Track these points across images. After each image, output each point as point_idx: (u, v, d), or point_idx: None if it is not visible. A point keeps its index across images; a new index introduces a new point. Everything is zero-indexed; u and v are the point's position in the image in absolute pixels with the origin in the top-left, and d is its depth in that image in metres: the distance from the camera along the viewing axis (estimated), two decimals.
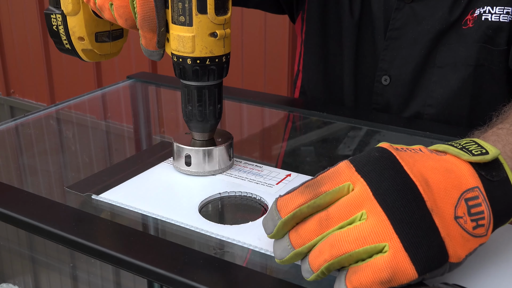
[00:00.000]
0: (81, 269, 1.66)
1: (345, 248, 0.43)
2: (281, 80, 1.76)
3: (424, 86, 0.90)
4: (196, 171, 0.68)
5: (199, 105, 0.66)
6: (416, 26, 0.88)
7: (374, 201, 0.44)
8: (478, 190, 0.46)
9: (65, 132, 0.85)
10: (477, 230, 0.46)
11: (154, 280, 0.52)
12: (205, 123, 0.68)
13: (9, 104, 2.57)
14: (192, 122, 0.68)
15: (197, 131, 0.68)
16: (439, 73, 0.88)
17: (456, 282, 0.48)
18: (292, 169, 0.73)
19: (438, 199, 0.45)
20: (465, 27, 0.85)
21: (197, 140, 0.69)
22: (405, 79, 0.91)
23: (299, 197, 0.47)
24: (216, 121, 0.68)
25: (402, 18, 0.89)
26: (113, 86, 1.04)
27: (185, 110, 0.67)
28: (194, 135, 0.69)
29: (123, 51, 0.82)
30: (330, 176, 0.46)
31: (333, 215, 0.45)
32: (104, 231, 0.57)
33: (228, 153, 0.70)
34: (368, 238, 0.43)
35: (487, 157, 0.47)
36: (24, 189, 0.66)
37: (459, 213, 0.45)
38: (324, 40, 0.97)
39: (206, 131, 0.68)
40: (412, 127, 0.85)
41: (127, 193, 0.66)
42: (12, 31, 2.46)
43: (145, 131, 0.86)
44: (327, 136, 0.89)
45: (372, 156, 0.46)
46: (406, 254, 0.43)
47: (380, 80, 0.92)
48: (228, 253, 0.55)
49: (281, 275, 0.51)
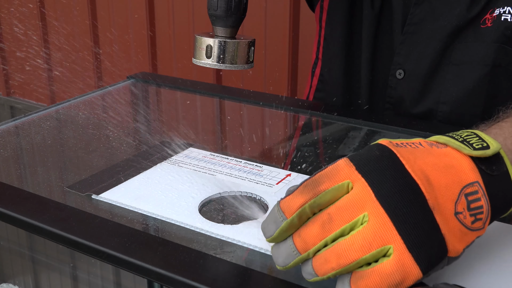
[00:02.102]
0: (81, 269, 1.66)
1: (352, 257, 0.43)
2: (281, 80, 1.76)
3: (438, 83, 0.90)
4: (215, 64, 0.66)
5: None
6: (433, 22, 0.88)
7: (376, 202, 0.44)
8: (478, 185, 0.46)
9: (65, 132, 0.85)
10: (475, 224, 0.46)
11: (154, 280, 0.52)
12: (229, 17, 0.65)
13: (9, 104, 2.57)
14: (217, 14, 0.66)
15: (220, 25, 0.66)
16: (454, 71, 0.88)
17: (456, 282, 0.48)
18: (297, 170, 0.73)
19: (439, 196, 0.45)
20: (484, 26, 0.85)
21: (219, 36, 0.67)
22: (419, 74, 0.90)
23: (300, 197, 0.46)
24: (240, 17, 0.66)
25: (420, 14, 0.89)
26: (113, 86, 1.04)
27: (211, 2, 0.65)
28: (217, 30, 0.67)
29: (124, 51, 0.81)
30: (328, 174, 0.46)
31: (335, 217, 0.45)
32: (104, 231, 0.57)
33: (248, 52, 0.68)
34: (373, 243, 0.43)
35: (488, 152, 0.47)
36: (24, 189, 0.66)
37: (459, 209, 0.45)
38: (347, 30, 0.97)
39: (229, 26, 0.66)
40: (412, 127, 0.85)
41: (127, 193, 0.66)
42: (12, 31, 2.46)
43: (145, 131, 0.86)
44: (327, 136, 0.89)
45: (372, 155, 0.46)
46: (410, 254, 0.43)
47: (395, 74, 0.92)
48: (228, 253, 0.55)
49: (281, 275, 0.51)
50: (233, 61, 0.67)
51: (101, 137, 0.83)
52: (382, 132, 0.86)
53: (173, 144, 0.79)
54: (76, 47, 2.27)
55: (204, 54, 0.67)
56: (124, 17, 1.96)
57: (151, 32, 1.90)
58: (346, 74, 0.99)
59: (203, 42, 0.66)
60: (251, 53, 0.69)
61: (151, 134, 0.85)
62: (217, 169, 0.72)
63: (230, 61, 0.67)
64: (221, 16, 0.66)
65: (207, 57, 0.67)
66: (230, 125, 0.96)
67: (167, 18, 1.86)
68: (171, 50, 1.89)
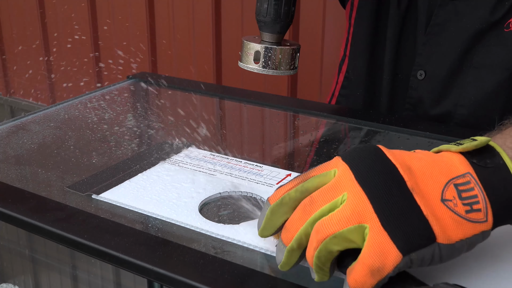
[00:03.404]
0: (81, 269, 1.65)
1: (328, 231, 0.44)
2: (281, 80, 1.76)
3: (458, 85, 0.89)
4: (263, 69, 0.68)
5: (275, 3, 0.66)
6: (456, 24, 0.88)
7: (355, 181, 0.46)
8: (470, 176, 0.47)
9: (65, 132, 0.85)
10: (472, 215, 0.46)
11: (154, 280, 0.52)
12: (277, 23, 0.67)
13: (9, 104, 2.57)
14: (266, 20, 0.67)
15: (268, 31, 0.68)
16: (475, 73, 0.87)
17: (456, 282, 0.48)
18: (298, 170, 0.73)
19: (420, 182, 0.46)
20: (507, 30, 0.84)
21: (265, 41, 0.69)
22: (439, 75, 0.90)
23: (287, 185, 0.49)
24: (287, 23, 0.67)
25: (444, 15, 0.88)
26: (113, 86, 1.04)
27: (260, 8, 0.67)
28: (265, 36, 0.69)
29: (124, 51, 0.81)
30: (320, 166, 0.49)
31: (316, 199, 0.46)
32: (104, 231, 0.57)
33: (294, 58, 0.69)
34: (350, 218, 0.44)
35: (474, 143, 0.48)
36: (24, 189, 0.67)
37: (447, 196, 0.46)
38: (373, 29, 0.98)
39: (277, 32, 0.68)
40: (412, 127, 0.85)
41: (127, 193, 0.66)
42: (12, 31, 2.46)
43: (145, 131, 0.86)
44: (327, 136, 0.89)
45: (357, 147, 0.49)
46: (385, 232, 0.43)
47: (416, 74, 0.92)
48: (228, 253, 0.55)
49: (281, 275, 0.51)
50: (279, 67, 0.69)
51: (101, 137, 0.83)
52: (382, 132, 0.85)
53: (173, 144, 0.79)
54: (76, 46, 2.27)
55: (252, 59, 0.68)
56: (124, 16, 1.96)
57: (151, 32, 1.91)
58: (369, 73, 0.99)
59: (252, 48, 0.68)
60: (296, 59, 0.70)
61: (151, 134, 0.85)
62: (217, 169, 0.72)
63: (277, 67, 0.69)
64: (269, 22, 0.67)
65: (254, 62, 0.68)
66: (230, 125, 0.96)
67: (167, 18, 1.86)
68: (171, 50, 1.89)
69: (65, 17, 2.26)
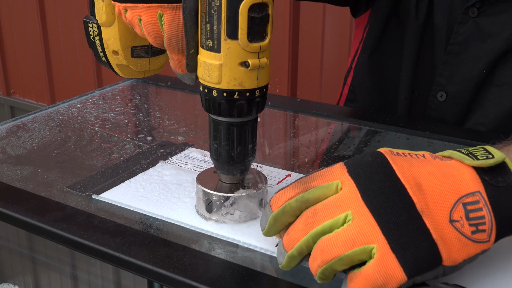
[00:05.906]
0: (81, 269, 1.65)
1: (334, 253, 0.44)
2: (281, 80, 1.76)
3: (480, 104, 0.87)
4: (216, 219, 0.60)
5: (226, 144, 0.58)
6: (480, 44, 0.84)
7: (361, 202, 0.44)
8: (479, 195, 0.45)
9: (65, 131, 0.85)
10: (477, 235, 0.45)
11: (154, 280, 0.52)
12: (231, 165, 0.59)
13: (9, 104, 2.57)
14: (218, 162, 0.59)
15: (223, 173, 0.60)
16: (496, 91, 0.85)
17: (456, 282, 0.48)
18: (298, 170, 0.73)
19: (430, 202, 0.45)
20: None
21: (223, 183, 0.61)
22: (462, 97, 0.87)
23: (289, 192, 0.48)
24: (245, 165, 0.60)
25: (465, 33, 0.85)
26: (113, 86, 1.04)
27: (211, 148, 0.59)
28: (221, 176, 0.61)
29: None
30: (322, 173, 0.48)
31: (319, 213, 0.46)
32: (104, 231, 0.57)
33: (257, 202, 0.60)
34: (356, 240, 0.43)
35: (490, 161, 0.46)
36: (24, 189, 0.67)
37: (455, 217, 0.45)
38: (384, 45, 0.94)
39: (232, 174, 0.60)
40: (412, 127, 0.85)
41: (127, 193, 0.66)
42: (12, 31, 2.46)
43: (145, 131, 0.86)
44: (327, 136, 0.89)
45: (364, 160, 0.47)
46: (394, 255, 0.43)
47: (436, 95, 0.89)
48: (228, 253, 0.55)
49: (281, 275, 0.52)
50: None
51: (101, 137, 0.83)
52: (382, 132, 0.85)
53: (173, 144, 0.79)
54: (76, 46, 2.27)
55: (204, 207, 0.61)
56: None
57: None
58: (379, 90, 0.96)
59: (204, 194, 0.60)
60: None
61: (151, 134, 0.85)
62: None
63: None
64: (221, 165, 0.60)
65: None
66: None
67: None
68: None
69: (65, 17, 2.26)
